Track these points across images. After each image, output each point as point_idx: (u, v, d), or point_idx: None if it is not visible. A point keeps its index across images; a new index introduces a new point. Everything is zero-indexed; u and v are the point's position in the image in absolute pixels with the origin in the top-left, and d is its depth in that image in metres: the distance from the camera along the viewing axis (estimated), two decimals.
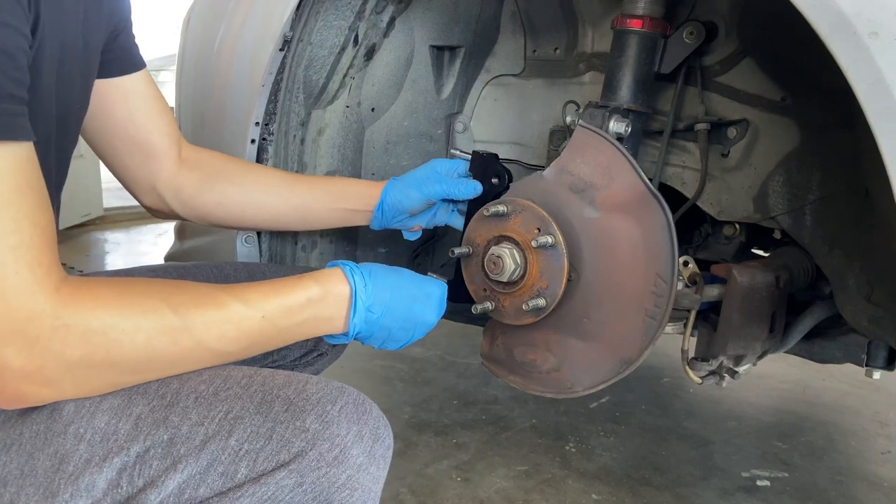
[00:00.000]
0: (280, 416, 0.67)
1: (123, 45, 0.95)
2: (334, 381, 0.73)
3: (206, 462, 0.65)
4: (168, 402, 0.68)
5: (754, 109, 1.15)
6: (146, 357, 0.67)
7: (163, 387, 0.69)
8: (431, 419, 1.90)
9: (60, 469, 0.64)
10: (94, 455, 0.65)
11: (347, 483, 0.66)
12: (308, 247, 1.44)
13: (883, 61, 0.70)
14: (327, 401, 0.68)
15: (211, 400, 0.68)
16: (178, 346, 0.68)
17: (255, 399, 0.68)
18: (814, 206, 1.09)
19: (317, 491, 0.65)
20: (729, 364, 1.12)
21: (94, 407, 0.67)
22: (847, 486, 1.67)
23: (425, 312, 0.91)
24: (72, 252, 3.73)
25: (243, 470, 0.65)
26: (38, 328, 0.60)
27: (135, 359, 0.66)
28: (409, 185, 1.10)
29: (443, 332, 2.57)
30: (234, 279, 1.09)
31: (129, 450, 0.65)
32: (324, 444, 0.66)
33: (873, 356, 1.17)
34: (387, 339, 0.89)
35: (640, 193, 0.97)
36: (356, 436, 0.68)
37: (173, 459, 0.65)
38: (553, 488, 1.58)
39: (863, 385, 2.27)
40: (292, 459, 0.65)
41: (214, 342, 0.71)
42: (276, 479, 0.65)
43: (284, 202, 1.11)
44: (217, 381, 0.70)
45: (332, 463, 0.66)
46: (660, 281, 0.96)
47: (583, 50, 1.34)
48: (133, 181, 1.05)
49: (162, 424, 0.66)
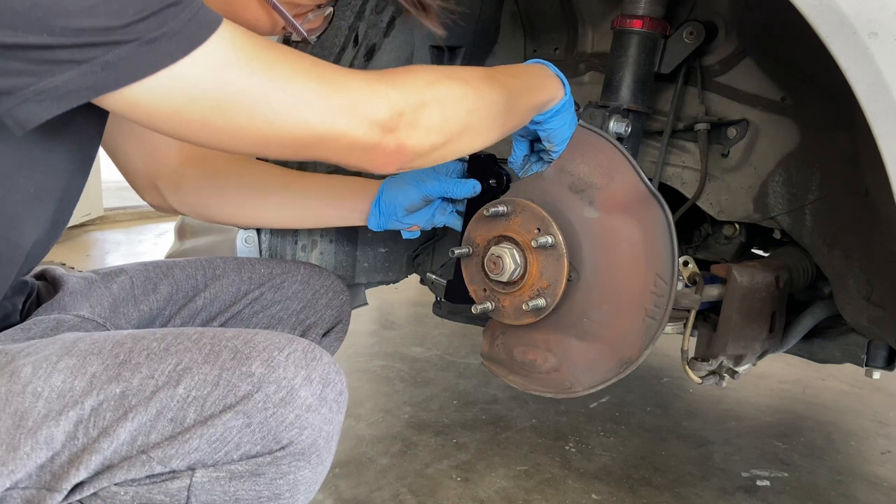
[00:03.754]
0: (227, 364, 0.69)
1: None
2: (285, 333, 0.76)
3: (155, 410, 0.68)
4: (121, 360, 0.71)
5: (754, 109, 1.15)
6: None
7: (116, 347, 0.72)
8: (431, 419, 1.90)
9: (20, 426, 0.67)
10: (51, 410, 0.68)
11: (296, 422, 0.69)
12: (308, 246, 1.44)
13: (882, 61, 0.70)
14: (274, 347, 0.71)
15: (161, 355, 0.71)
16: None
17: (203, 351, 0.71)
18: (814, 206, 1.09)
19: (265, 430, 0.68)
20: (729, 364, 1.12)
21: (50, 367, 0.70)
22: (847, 486, 1.67)
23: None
24: (72, 252, 3.73)
25: (192, 415, 0.68)
26: (388, 99, 0.73)
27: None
28: (407, 182, 1.10)
29: (443, 332, 2.57)
30: (222, 270, 1.10)
31: (84, 404, 0.68)
32: (270, 387, 0.68)
33: (873, 356, 1.17)
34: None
35: (640, 193, 0.97)
36: (304, 379, 0.70)
37: (125, 410, 0.68)
38: (553, 488, 1.58)
39: (863, 385, 2.27)
40: (238, 402, 0.68)
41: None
42: (224, 420, 0.68)
43: (283, 199, 1.11)
44: (168, 338, 0.73)
45: (278, 404, 0.68)
46: (660, 281, 0.96)
47: (583, 50, 1.34)
48: (135, 175, 1.06)
49: (115, 380, 0.69)
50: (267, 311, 1.12)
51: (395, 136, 0.74)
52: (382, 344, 2.47)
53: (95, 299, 0.97)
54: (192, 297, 1.07)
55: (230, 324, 1.10)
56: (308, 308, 1.15)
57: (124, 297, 1.01)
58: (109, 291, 0.99)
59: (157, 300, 1.03)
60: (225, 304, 1.09)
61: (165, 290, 1.04)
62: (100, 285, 0.99)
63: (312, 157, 0.75)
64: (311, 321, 1.15)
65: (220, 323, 1.09)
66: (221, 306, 1.08)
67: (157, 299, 1.03)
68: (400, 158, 0.77)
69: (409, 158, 0.78)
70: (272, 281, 1.12)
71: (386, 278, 1.61)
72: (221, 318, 1.09)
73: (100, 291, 0.98)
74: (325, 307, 1.16)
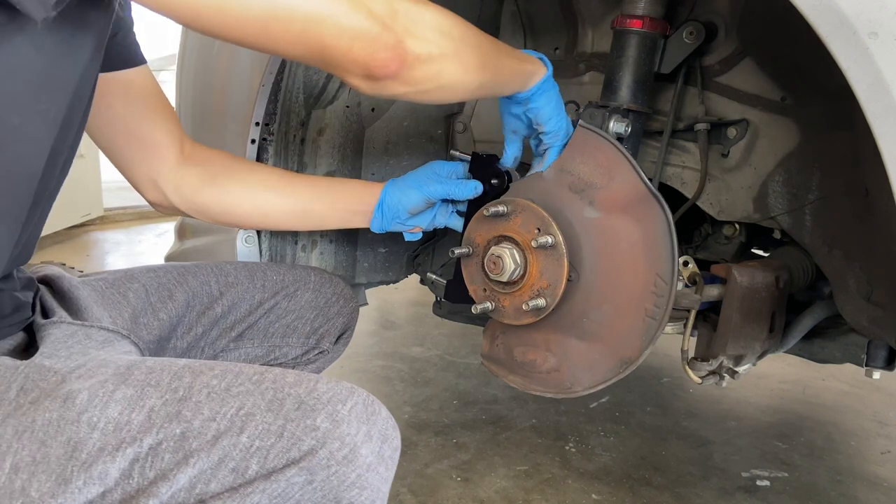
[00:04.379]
0: (291, 414, 0.67)
1: (122, 43, 0.96)
2: (344, 381, 0.73)
3: (217, 457, 0.65)
4: (181, 396, 0.68)
5: (754, 109, 1.15)
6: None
7: (175, 380, 0.70)
8: (431, 419, 1.90)
9: (73, 457, 0.64)
10: (107, 444, 0.65)
11: (357, 482, 0.66)
12: (308, 247, 1.44)
13: (882, 61, 0.70)
14: (338, 400, 0.69)
15: (223, 395, 0.68)
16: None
17: (266, 396, 0.68)
18: (814, 206, 1.09)
19: (327, 489, 0.66)
20: (729, 364, 1.12)
21: (107, 397, 0.67)
22: (847, 486, 1.67)
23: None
24: (72, 252, 3.73)
25: (254, 466, 0.65)
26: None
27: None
28: (409, 185, 1.10)
29: (443, 332, 2.57)
30: (235, 277, 1.10)
31: (142, 441, 0.65)
32: (334, 443, 0.66)
33: (873, 356, 1.17)
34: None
35: (640, 193, 0.97)
36: (366, 435, 0.68)
37: (185, 453, 0.65)
38: (553, 488, 1.58)
39: (863, 385, 2.27)
40: (303, 457, 0.65)
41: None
42: (287, 477, 0.65)
43: (284, 201, 1.11)
44: (229, 376, 0.71)
45: (342, 462, 0.66)
46: (660, 281, 0.96)
47: (583, 50, 1.34)
48: (135, 175, 1.06)
49: (175, 418, 0.67)
50: (282, 320, 1.12)
51: (393, 32, 0.76)
52: (382, 344, 2.47)
53: (115, 310, 0.96)
54: (210, 304, 1.07)
55: (248, 334, 1.11)
56: (321, 316, 1.16)
57: (142, 306, 1.00)
58: (126, 301, 0.98)
59: (174, 308, 1.03)
60: (242, 313, 1.09)
61: (182, 297, 1.04)
62: (114, 294, 0.98)
63: (317, 47, 0.75)
64: (324, 329, 1.16)
65: (238, 332, 1.10)
66: (239, 315, 1.09)
67: (174, 307, 1.03)
68: (399, 55, 0.77)
69: (407, 60, 0.78)
70: (286, 290, 1.13)
71: (386, 278, 1.61)
72: (239, 327, 1.09)
73: (116, 301, 0.97)
74: (337, 315, 1.17)
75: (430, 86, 0.83)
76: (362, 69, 0.77)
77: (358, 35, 0.74)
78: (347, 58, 0.75)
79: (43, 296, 0.91)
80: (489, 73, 0.89)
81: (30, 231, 0.80)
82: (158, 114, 1.02)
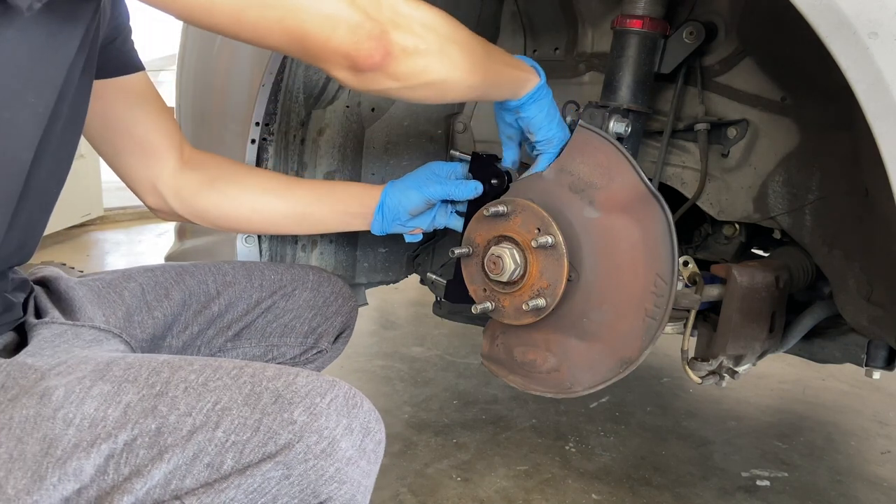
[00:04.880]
0: (268, 408, 0.67)
1: (120, 49, 0.96)
2: (326, 375, 0.73)
3: (192, 453, 0.65)
4: (157, 392, 0.68)
5: (754, 109, 1.15)
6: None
7: (153, 376, 0.70)
8: (431, 419, 1.90)
9: (48, 453, 0.64)
10: (82, 440, 0.65)
11: (336, 476, 0.66)
12: (308, 247, 1.44)
13: (882, 61, 0.70)
14: (316, 393, 0.68)
15: (200, 390, 0.68)
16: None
17: (243, 390, 0.68)
18: (814, 206, 1.09)
19: (304, 483, 0.65)
20: (729, 364, 1.12)
21: (83, 393, 0.67)
22: (847, 486, 1.67)
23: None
24: (72, 252, 3.73)
25: (230, 461, 0.65)
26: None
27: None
28: (409, 186, 1.10)
29: (443, 332, 2.57)
30: (232, 277, 1.10)
31: (117, 437, 0.65)
32: (311, 437, 0.66)
33: (873, 356, 1.17)
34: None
35: (640, 193, 0.97)
36: (345, 429, 0.68)
37: (160, 449, 0.65)
38: (553, 488, 1.58)
39: (863, 385, 2.27)
40: (279, 451, 0.65)
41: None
42: (263, 471, 0.65)
43: (283, 204, 1.11)
44: (207, 371, 0.70)
45: (319, 455, 0.66)
46: (660, 281, 0.96)
47: (583, 50, 1.34)
48: (134, 180, 1.06)
49: (150, 413, 0.67)
50: (280, 320, 1.12)
51: (378, 22, 0.74)
52: (382, 344, 2.47)
53: (109, 309, 0.96)
54: (207, 303, 1.07)
55: (245, 333, 1.10)
56: (319, 316, 1.15)
57: (137, 304, 1.00)
58: (122, 300, 0.98)
59: (170, 306, 1.03)
60: (239, 312, 1.09)
61: (178, 295, 1.04)
62: (110, 293, 0.98)
63: (298, 35, 0.72)
64: (322, 329, 1.16)
65: (235, 332, 1.09)
66: (236, 315, 1.09)
67: (170, 305, 1.03)
68: (384, 46, 0.75)
69: (392, 52, 0.76)
70: (283, 289, 1.13)
71: (386, 278, 1.61)
72: (236, 326, 1.09)
73: (111, 300, 0.97)
74: (335, 314, 1.17)
75: (417, 82, 0.81)
76: (346, 60, 0.75)
77: (340, 23, 0.72)
78: (329, 47, 0.73)
79: (38, 297, 0.91)
80: (479, 75, 0.87)
81: (25, 230, 0.79)
82: (158, 118, 1.02)
